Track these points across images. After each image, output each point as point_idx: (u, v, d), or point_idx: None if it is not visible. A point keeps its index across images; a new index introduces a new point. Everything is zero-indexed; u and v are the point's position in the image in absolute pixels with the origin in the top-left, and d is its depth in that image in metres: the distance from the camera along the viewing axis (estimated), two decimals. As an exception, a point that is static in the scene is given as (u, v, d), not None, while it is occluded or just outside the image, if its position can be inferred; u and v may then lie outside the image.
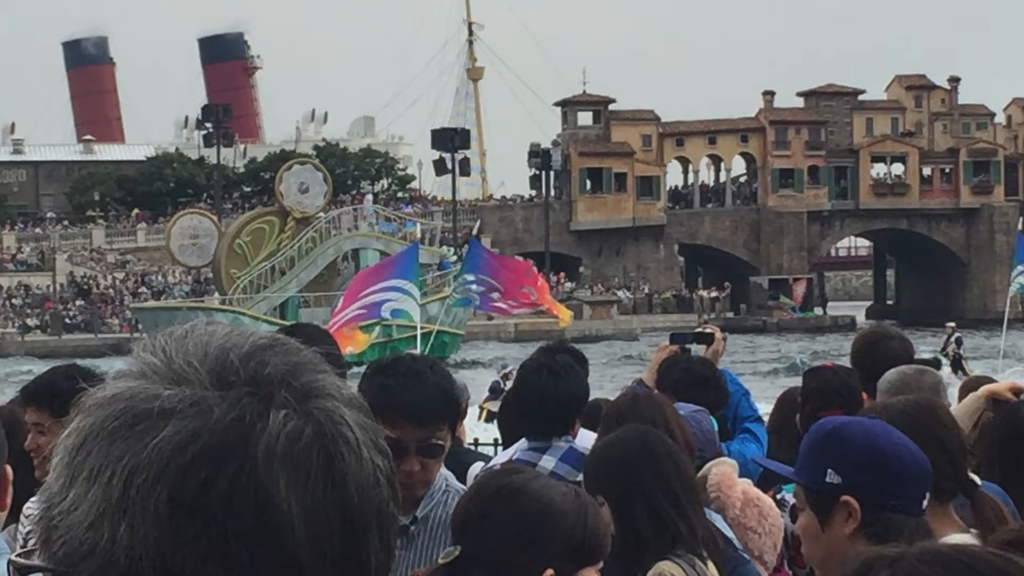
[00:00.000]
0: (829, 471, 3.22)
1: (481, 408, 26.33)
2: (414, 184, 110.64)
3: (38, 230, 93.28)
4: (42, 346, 69.04)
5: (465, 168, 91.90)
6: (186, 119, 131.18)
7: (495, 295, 24.14)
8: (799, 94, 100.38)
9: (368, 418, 1.22)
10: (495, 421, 9.08)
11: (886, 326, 8.11)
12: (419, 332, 24.38)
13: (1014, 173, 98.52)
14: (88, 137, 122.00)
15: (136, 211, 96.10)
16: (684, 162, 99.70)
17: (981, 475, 4.23)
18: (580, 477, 4.34)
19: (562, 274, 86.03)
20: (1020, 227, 32.47)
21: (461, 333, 61.09)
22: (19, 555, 1.18)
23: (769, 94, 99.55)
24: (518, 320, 65.89)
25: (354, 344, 22.86)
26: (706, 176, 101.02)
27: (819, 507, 3.26)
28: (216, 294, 68.00)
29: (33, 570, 1.16)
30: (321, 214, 67.35)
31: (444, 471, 4.12)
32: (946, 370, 31.31)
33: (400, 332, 45.79)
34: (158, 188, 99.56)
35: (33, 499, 3.95)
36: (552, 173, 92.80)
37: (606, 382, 32.52)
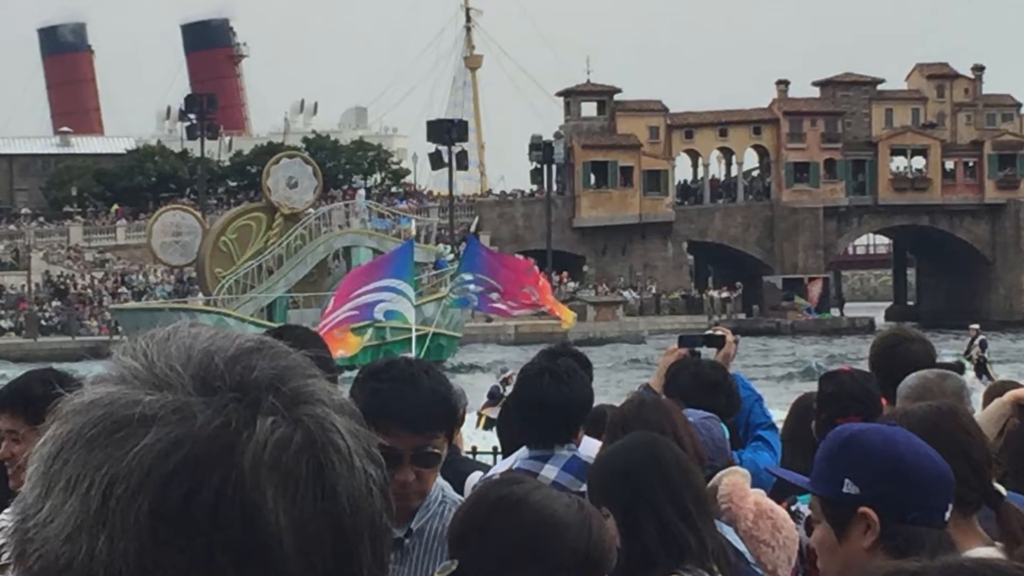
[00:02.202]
0: (846, 481, 3.22)
1: (479, 415, 26.36)
2: (409, 178, 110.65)
3: (12, 227, 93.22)
4: (16, 349, 69.02)
5: (463, 162, 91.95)
6: (168, 110, 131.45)
7: (494, 295, 24.17)
8: (815, 84, 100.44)
9: (360, 425, 1.22)
10: (494, 428, 9.07)
11: (906, 328, 8.11)
12: (414, 334, 24.44)
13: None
14: (65, 129, 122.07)
15: (116, 207, 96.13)
16: (693, 155, 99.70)
17: (1007, 485, 4.23)
18: (584, 487, 4.34)
19: (565, 273, 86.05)
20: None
21: (458, 335, 61.06)
22: (-8, 569, 1.18)
23: (783, 84, 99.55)
24: (518, 322, 65.92)
25: (345, 347, 22.89)
26: (717, 170, 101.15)
27: (836, 519, 3.26)
28: (200, 294, 67.97)
29: (7, 585, 1.16)
30: (311, 210, 67.36)
31: (440, 481, 4.12)
32: (970, 374, 31.37)
33: (394, 334, 45.76)
34: (139, 183, 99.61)
35: (7, 510, 3.95)
36: (554, 167, 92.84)
37: (611, 387, 32.55)
